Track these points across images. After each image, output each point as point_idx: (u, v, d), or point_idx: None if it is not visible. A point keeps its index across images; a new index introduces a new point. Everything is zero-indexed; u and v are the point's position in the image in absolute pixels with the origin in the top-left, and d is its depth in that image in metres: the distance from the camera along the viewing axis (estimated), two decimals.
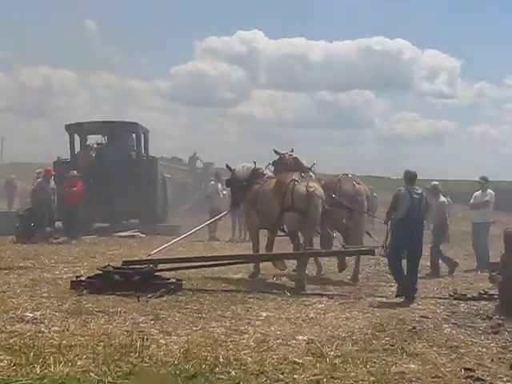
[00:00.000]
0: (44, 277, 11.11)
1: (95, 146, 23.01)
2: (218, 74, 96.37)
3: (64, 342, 6.70)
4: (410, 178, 10.48)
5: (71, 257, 14.10)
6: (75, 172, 19.12)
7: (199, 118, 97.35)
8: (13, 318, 7.81)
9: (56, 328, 7.34)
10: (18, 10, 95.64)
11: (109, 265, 10.78)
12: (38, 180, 19.37)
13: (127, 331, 7.23)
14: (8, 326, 7.35)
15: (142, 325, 7.68)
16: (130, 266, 10.63)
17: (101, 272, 10.33)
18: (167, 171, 28.09)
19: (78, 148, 22.56)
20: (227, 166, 13.24)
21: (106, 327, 7.47)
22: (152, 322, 7.88)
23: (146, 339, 6.85)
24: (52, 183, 18.90)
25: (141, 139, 22.65)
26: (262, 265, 12.17)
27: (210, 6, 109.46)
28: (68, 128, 22.40)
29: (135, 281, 10.04)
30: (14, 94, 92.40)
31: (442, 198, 14.35)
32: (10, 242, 17.03)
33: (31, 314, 7.98)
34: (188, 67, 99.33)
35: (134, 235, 19.55)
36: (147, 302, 9.10)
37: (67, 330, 7.23)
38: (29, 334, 7.03)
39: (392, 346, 6.98)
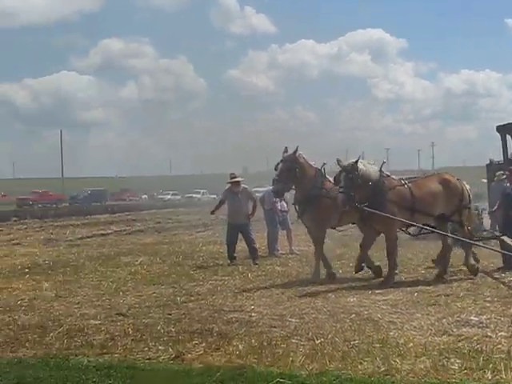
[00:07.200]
0: (486, 280, 10.97)
1: None
2: None
3: None
4: None
5: None
6: None
7: None
8: (458, 321, 7.87)
9: (503, 333, 7.21)
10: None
11: None
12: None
13: None
14: (455, 329, 7.45)
15: None
16: None
17: None
18: None
19: (510, 149, 21.95)
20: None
21: None
22: None
23: None
24: None
25: None
26: None
27: None
28: (499, 129, 21.93)
29: None
30: (439, 101, 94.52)
31: None
32: None
33: (476, 318, 7.95)
34: None
35: None
36: None
37: None
38: (475, 338, 7.03)
39: None
